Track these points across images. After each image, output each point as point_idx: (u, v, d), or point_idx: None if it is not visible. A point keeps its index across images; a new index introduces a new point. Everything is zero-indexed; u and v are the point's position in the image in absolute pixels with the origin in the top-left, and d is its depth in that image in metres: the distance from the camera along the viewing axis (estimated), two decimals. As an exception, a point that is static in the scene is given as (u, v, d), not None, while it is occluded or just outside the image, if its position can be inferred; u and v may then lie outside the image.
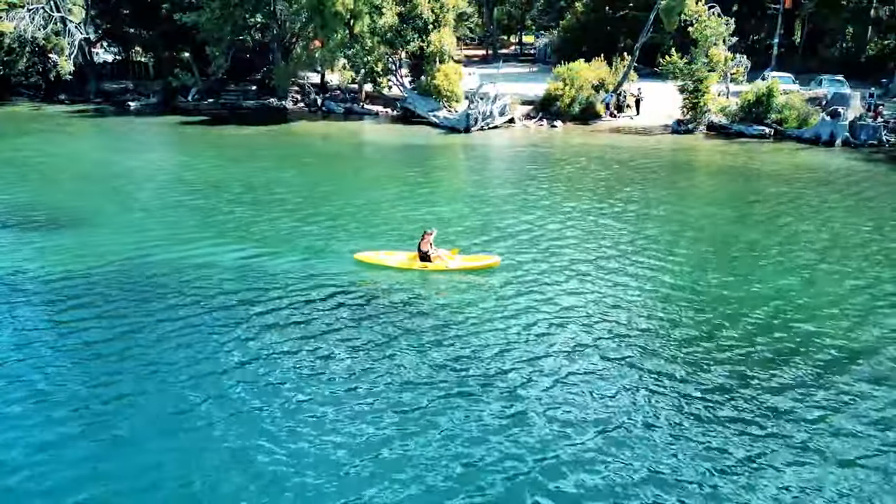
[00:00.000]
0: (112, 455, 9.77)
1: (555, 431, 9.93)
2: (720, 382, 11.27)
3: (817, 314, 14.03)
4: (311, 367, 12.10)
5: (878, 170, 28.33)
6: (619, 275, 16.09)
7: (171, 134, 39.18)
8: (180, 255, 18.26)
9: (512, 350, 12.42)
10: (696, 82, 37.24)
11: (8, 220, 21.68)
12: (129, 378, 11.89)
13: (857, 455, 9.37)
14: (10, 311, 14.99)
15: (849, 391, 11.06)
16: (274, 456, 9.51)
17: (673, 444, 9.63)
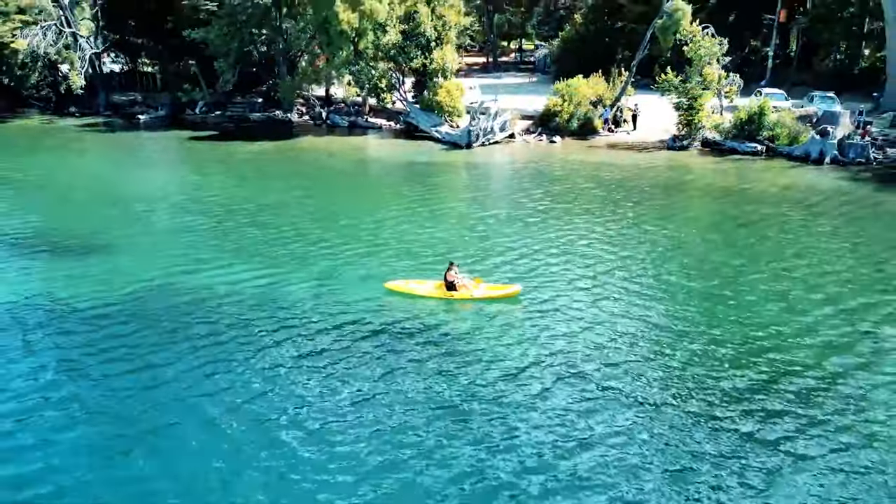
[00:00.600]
0: (149, 470, 11.03)
1: (558, 449, 11.19)
2: (711, 412, 12.51)
3: (795, 341, 15.27)
4: (346, 390, 13.35)
5: (863, 190, 29.52)
6: (619, 303, 17.36)
7: (182, 151, 40.36)
8: (203, 281, 19.55)
9: (529, 376, 13.81)
10: (691, 100, 38.42)
11: (36, 245, 22.98)
12: (163, 400, 13.15)
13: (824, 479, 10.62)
14: (41, 336, 16.28)
15: (824, 416, 12.30)
16: (298, 476, 10.76)
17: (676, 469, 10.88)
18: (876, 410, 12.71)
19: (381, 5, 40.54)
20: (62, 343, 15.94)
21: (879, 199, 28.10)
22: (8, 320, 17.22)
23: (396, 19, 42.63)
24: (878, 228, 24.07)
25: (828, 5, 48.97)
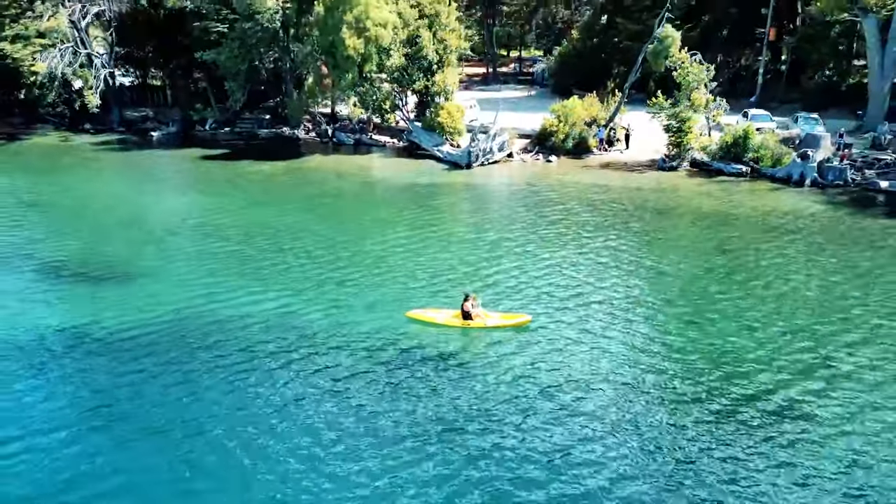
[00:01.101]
0: (184, 475, 13.11)
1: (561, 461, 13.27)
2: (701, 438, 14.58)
3: (766, 367, 17.31)
4: (368, 409, 15.42)
5: (838, 213, 31.52)
6: (615, 330, 19.51)
7: (196, 171, 42.34)
8: (227, 306, 21.65)
9: (538, 399, 15.92)
10: (680, 122, 40.41)
11: (71, 270, 25.11)
12: (196, 421, 15.20)
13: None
14: (75, 361, 18.34)
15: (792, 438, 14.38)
16: (317, 485, 12.84)
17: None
18: (826, 427, 14.76)
19: (386, 31, 42.51)
20: (101, 365, 18.00)
21: (851, 223, 30.09)
22: (47, 344, 19.30)
23: (400, 43, 44.59)
24: (848, 254, 26.05)
25: (815, 26, 50.77)
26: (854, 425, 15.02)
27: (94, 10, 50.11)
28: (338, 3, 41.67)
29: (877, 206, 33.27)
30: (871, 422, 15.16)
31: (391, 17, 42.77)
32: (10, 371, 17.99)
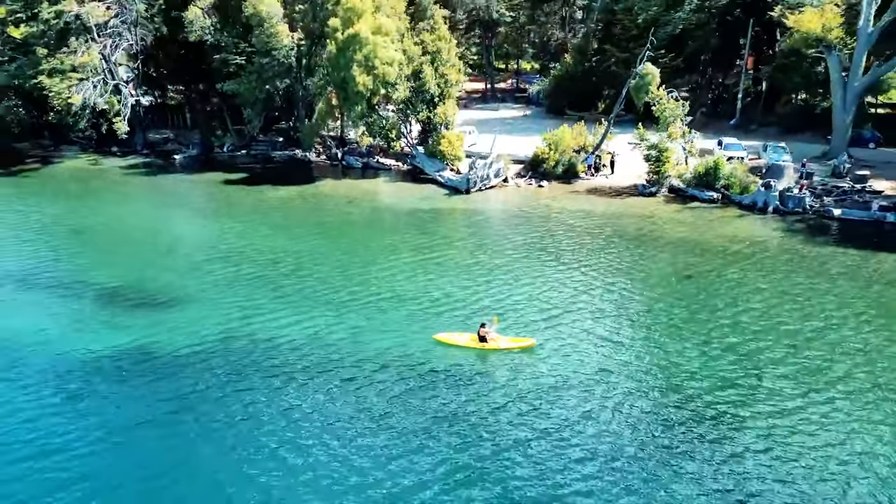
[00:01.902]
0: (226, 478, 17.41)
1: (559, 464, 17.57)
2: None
3: (692, 376, 21.60)
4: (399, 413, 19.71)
5: (791, 240, 35.75)
6: (602, 348, 23.73)
7: (219, 197, 46.47)
8: (261, 328, 25.90)
9: (540, 410, 20.13)
10: (659, 152, 44.65)
11: (119, 296, 29.33)
12: (247, 427, 19.47)
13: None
14: (134, 378, 22.55)
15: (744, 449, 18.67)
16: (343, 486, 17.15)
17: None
18: (753, 438, 19.06)
19: (392, 68, 46.75)
20: (159, 380, 22.25)
21: (801, 249, 34.35)
22: (100, 365, 23.51)
23: (405, 78, 48.83)
24: (790, 279, 30.30)
25: (789, 56, 54.88)
26: (778, 420, 19.33)
27: (123, 45, 54.34)
28: (348, 44, 45.91)
29: (828, 233, 37.52)
30: (796, 420, 19.45)
31: (397, 56, 47.04)
32: (75, 386, 22.26)
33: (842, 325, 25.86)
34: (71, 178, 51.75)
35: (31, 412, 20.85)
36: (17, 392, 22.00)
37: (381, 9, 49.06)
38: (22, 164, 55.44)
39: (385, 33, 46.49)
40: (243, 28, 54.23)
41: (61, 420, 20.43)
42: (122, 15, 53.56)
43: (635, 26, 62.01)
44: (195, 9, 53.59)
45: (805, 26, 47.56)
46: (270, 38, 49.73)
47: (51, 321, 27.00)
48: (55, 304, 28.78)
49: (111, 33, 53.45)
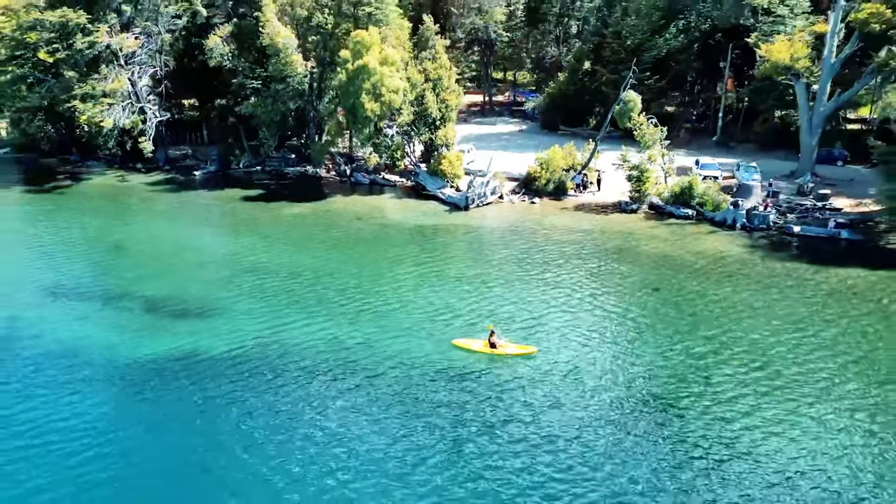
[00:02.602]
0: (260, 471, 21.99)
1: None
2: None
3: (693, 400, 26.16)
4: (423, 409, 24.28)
5: (753, 256, 40.31)
6: (589, 355, 28.29)
7: (239, 213, 50.93)
8: (288, 335, 30.39)
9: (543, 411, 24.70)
10: (640, 173, 49.17)
11: (162, 306, 33.83)
12: (283, 425, 24.03)
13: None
14: (180, 379, 27.07)
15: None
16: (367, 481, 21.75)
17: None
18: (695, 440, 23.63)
19: (397, 96, 51.31)
20: (202, 382, 26.79)
21: (762, 265, 38.87)
22: (156, 366, 28.06)
23: (409, 104, 53.38)
24: (747, 292, 34.84)
25: (763, 80, 59.27)
26: (724, 414, 23.90)
27: (149, 72, 58.93)
28: (358, 73, 50.45)
29: (787, 248, 42.07)
30: (735, 416, 24.02)
31: (402, 84, 51.60)
32: (137, 383, 26.84)
33: (783, 331, 30.40)
34: (102, 195, 56.26)
35: (101, 405, 25.42)
36: (88, 388, 26.56)
37: (387, 40, 53.67)
38: (55, 181, 59.89)
39: (391, 64, 51.04)
40: (258, 53, 58.87)
41: (129, 410, 25.02)
42: (149, 44, 58.11)
43: (623, 49, 66.59)
44: (215, 37, 58.13)
45: (775, 56, 51.99)
46: (286, 66, 54.25)
47: (108, 328, 31.58)
48: (110, 313, 33.36)
49: (138, 61, 57.96)
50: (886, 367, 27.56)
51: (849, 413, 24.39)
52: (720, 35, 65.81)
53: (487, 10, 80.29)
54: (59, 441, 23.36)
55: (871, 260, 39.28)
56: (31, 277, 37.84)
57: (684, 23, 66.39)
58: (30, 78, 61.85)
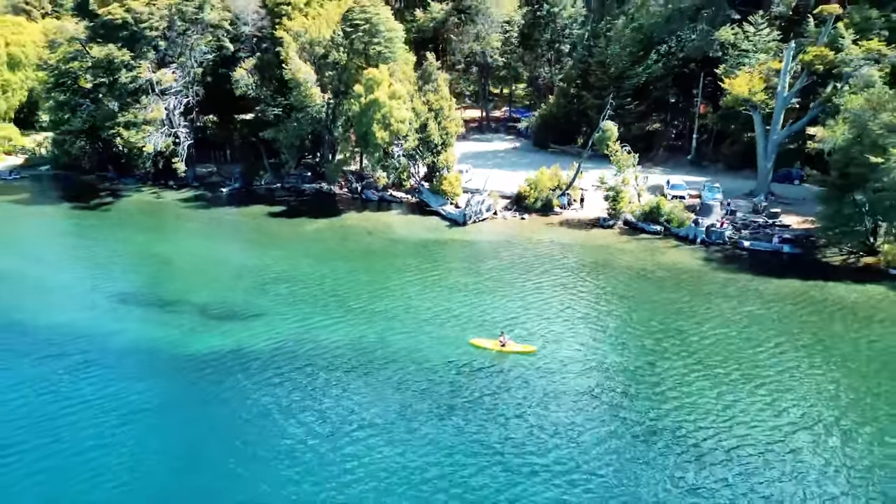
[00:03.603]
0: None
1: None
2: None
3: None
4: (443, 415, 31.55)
5: (706, 268, 47.50)
6: (578, 353, 35.52)
7: (265, 228, 58.08)
8: (318, 335, 37.56)
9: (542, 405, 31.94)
10: (615, 193, 56.39)
11: (211, 311, 40.95)
12: (318, 412, 31.24)
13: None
14: (228, 374, 34.24)
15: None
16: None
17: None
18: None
19: (404, 125, 58.60)
20: (251, 375, 33.99)
21: (712, 275, 46.08)
22: (210, 361, 35.19)
23: (414, 131, 60.66)
24: (700, 298, 42.03)
25: (728, 108, 66.39)
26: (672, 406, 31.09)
27: (184, 101, 66.24)
28: (370, 106, 57.74)
29: (737, 261, 49.24)
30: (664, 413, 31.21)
31: (408, 115, 58.90)
32: (195, 376, 34.03)
33: (717, 328, 37.64)
34: (141, 211, 63.52)
35: (170, 388, 32.69)
36: (160, 376, 33.80)
37: (395, 74, 60.97)
38: (97, 197, 67.06)
39: (398, 97, 58.34)
40: (279, 83, 66.17)
41: (191, 393, 32.24)
42: (183, 77, 65.40)
43: (607, 77, 73.87)
44: (241, 70, 65.42)
45: (736, 89, 59.18)
46: (306, 97, 61.48)
47: (168, 328, 38.79)
48: (168, 316, 40.57)
49: (173, 91, 65.23)
50: (796, 356, 34.73)
51: (760, 384, 31.63)
52: (693, 64, 73.03)
53: (484, 36, 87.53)
54: (140, 416, 30.58)
55: (806, 271, 46.46)
56: (97, 287, 45.06)
57: (665, 48, 73.28)
58: (71, 103, 69.44)
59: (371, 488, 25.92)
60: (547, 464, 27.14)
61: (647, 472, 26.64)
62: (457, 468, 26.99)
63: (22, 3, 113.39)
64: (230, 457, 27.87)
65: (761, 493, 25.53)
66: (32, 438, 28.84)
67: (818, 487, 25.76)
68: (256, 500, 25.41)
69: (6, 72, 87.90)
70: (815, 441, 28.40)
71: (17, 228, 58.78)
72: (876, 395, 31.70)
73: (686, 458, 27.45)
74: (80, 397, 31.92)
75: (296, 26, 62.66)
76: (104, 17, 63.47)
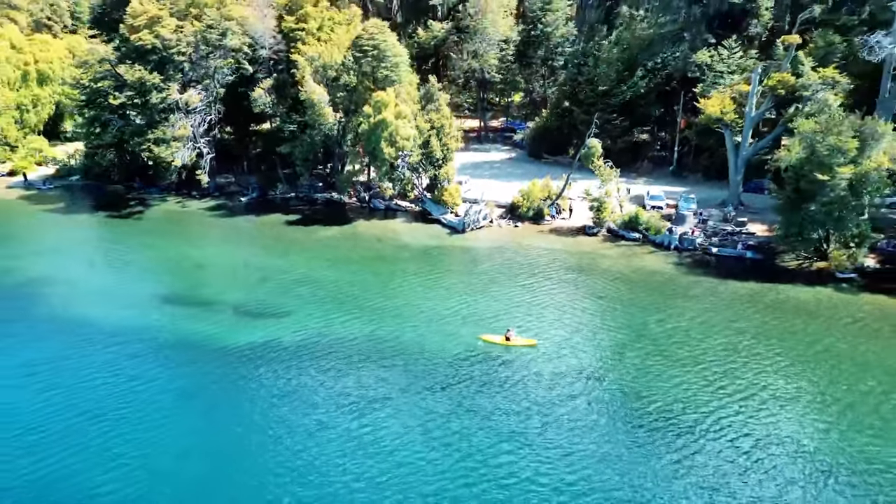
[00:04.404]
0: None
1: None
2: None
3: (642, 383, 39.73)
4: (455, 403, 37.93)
5: (677, 272, 53.81)
6: (569, 347, 41.86)
7: (284, 236, 64.37)
8: (339, 330, 43.86)
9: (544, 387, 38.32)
10: (599, 204, 62.73)
11: (240, 310, 47.25)
12: (345, 399, 37.62)
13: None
14: (261, 365, 40.56)
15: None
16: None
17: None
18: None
19: (409, 142, 64.96)
20: (281, 364, 40.28)
21: (682, 278, 52.39)
22: (246, 353, 41.51)
23: (418, 146, 66.99)
24: (670, 299, 48.32)
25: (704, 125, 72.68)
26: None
27: (208, 119, 72.61)
28: (378, 125, 64.07)
29: (705, 265, 55.55)
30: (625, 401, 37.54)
31: (412, 133, 65.24)
32: (236, 366, 40.30)
33: (683, 324, 43.96)
34: (169, 220, 69.82)
35: (215, 378, 38.93)
36: (203, 367, 40.00)
37: (400, 95, 67.28)
38: (128, 207, 73.30)
39: (403, 117, 64.68)
40: (293, 101, 72.47)
41: (231, 381, 38.48)
42: (207, 97, 71.72)
43: (595, 94, 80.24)
44: (259, 90, 71.73)
45: (709, 109, 65.52)
46: (319, 116, 67.81)
47: (207, 324, 45.02)
48: (206, 314, 46.82)
49: (197, 110, 71.56)
50: (740, 344, 41.03)
51: (719, 370, 37.95)
52: (675, 82, 79.36)
53: (482, 54, 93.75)
54: (195, 392, 36.97)
55: (764, 275, 52.77)
56: (142, 288, 51.42)
57: (650, 65, 79.46)
58: (101, 118, 75.78)
59: (398, 454, 32.21)
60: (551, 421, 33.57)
61: (605, 420, 32.95)
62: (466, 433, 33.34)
63: (44, 18, 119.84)
64: (268, 423, 34.24)
65: (698, 447, 31.78)
66: (113, 409, 35.21)
67: (746, 439, 32.08)
68: (290, 452, 31.67)
69: (36, 87, 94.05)
70: (745, 407, 34.70)
71: (60, 236, 65.07)
72: (810, 375, 37.98)
73: (637, 414, 33.68)
74: (144, 378, 38.30)
75: (310, 51, 68.98)
76: (135, 42, 69.72)
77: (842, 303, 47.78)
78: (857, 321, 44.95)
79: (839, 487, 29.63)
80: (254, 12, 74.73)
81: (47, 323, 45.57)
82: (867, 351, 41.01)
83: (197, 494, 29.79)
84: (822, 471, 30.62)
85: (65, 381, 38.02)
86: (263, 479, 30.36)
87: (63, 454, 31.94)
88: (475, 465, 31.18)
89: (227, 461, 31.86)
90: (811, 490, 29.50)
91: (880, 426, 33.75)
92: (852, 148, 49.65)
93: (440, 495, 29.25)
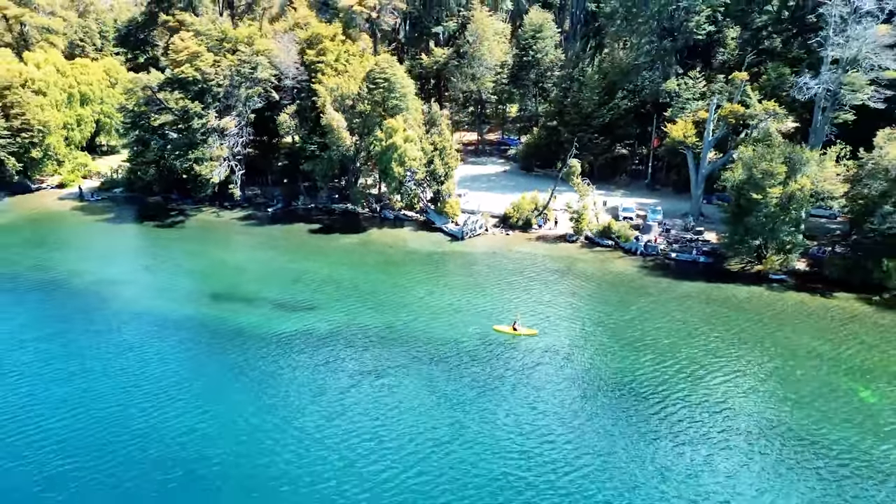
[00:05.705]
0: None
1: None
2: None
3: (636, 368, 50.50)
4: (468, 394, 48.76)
5: (639, 274, 64.44)
6: (562, 339, 52.66)
7: (309, 243, 75.11)
8: (362, 323, 54.58)
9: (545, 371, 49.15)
10: (578, 215, 73.45)
11: (277, 305, 58.03)
12: (365, 384, 48.44)
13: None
14: (296, 352, 51.34)
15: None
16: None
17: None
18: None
19: (416, 162, 75.76)
20: (314, 351, 51.03)
21: (645, 279, 63.03)
22: (285, 341, 52.26)
23: (423, 165, 77.79)
24: (629, 295, 58.96)
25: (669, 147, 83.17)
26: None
27: (241, 140, 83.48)
28: (389, 148, 74.87)
29: (665, 269, 66.20)
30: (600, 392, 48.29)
31: (419, 154, 76.04)
32: (276, 351, 51.03)
33: (643, 316, 54.59)
34: (207, 228, 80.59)
35: (263, 363, 49.62)
36: (247, 351, 50.69)
37: (407, 120, 78.08)
38: (170, 217, 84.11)
39: (412, 141, 75.46)
40: (314, 124, 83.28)
41: (273, 364, 49.20)
42: (240, 122, 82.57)
43: (579, 116, 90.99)
44: (284, 115, 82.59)
45: (673, 133, 76.22)
46: (338, 139, 78.62)
47: (252, 317, 55.70)
48: (248, 308, 57.50)
49: (231, 133, 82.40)
50: (681, 331, 51.62)
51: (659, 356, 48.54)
52: (649, 105, 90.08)
53: (479, 77, 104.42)
54: (245, 372, 47.62)
55: (713, 276, 63.45)
56: (190, 287, 62.22)
57: (627, 90, 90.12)
58: (144, 138, 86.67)
59: (415, 412, 42.89)
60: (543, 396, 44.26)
61: (570, 389, 43.63)
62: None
63: (78, 40, 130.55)
64: (309, 386, 45.02)
65: (643, 407, 42.42)
66: (176, 384, 45.88)
67: (685, 409, 42.71)
68: (329, 404, 42.37)
69: (79, 107, 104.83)
70: (684, 377, 45.34)
71: (115, 242, 75.95)
72: (736, 353, 48.61)
73: (588, 383, 44.35)
74: (200, 362, 49.07)
75: (330, 82, 79.80)
76: (178, 75, 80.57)
77: (770, 299, 58.48)
78: (779, 313, 55.66)
79: (752, 434, 40.41)
80: (279, 45, 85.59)
81: (123, 314, 56.44)
82: (782, 336, 51.68)
83: (262, 435, 40.50)
84: (743, 426, 41.28)
85: (151, 358, 48.98)
86: (309, 422, 41.17)
87: (164, 406, 42.99)
88: (465, 413, 41.98)
89: (281, 414, 42.60)
90: (734, 436, 40.25)
91: (785, 392, 44.47)
92: (781, 172, 60.33)
93: (454, 426, 40.01)
